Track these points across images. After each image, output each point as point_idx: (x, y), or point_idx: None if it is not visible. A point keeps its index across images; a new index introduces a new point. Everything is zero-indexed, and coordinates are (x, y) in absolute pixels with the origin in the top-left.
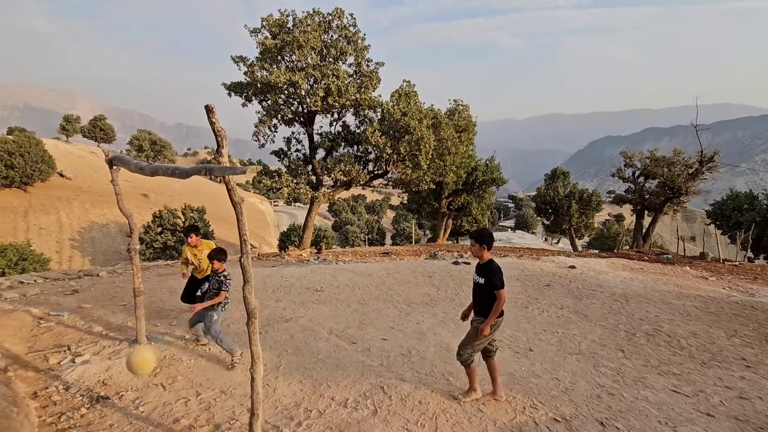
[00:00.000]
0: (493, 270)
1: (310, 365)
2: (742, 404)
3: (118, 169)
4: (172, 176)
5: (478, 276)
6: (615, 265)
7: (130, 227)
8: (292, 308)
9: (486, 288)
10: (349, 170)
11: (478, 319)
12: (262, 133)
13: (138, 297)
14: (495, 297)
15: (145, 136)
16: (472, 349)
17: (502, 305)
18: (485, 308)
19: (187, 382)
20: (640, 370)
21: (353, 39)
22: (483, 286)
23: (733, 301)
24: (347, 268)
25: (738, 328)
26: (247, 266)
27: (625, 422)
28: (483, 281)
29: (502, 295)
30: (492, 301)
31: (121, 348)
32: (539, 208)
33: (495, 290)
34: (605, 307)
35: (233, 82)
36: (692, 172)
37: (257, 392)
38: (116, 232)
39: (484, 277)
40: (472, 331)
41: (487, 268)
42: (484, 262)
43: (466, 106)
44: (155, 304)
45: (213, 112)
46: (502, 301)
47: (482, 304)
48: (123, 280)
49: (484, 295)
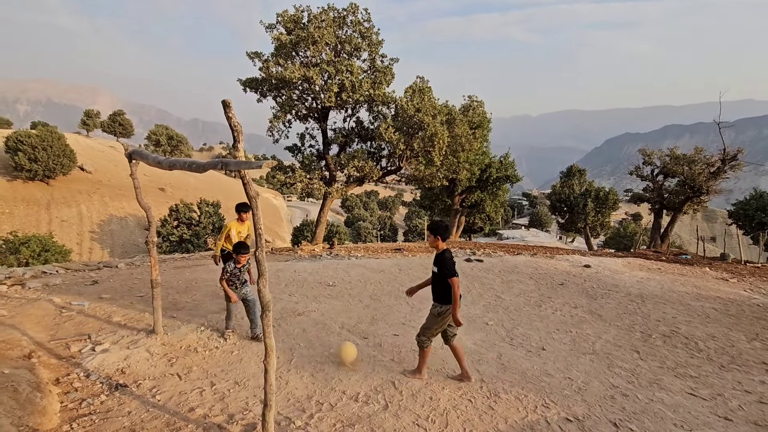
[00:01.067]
0: (445, 260)
1: (322, 359)
2: (762, 409)
3: (137, 163)
4: (189, 170)
5: (434, 265)
6: (631, 264)
7: (149, 220)
8: (305, 302)
9: (439, 276)
10: (362, 166)
11: (435, 305)
12: (276, 128)
13: (155, 288)
14: (449, 285)
15: (162, 131)
16: (430, 334)
17: (458, 291)
18: (440, 295)
19: (202, 373)
20: (656, 371)
21: (367, 34)
22: (437, 274)
23: (754, 304)
24: (359, 263)
25: (759, 331)
26: (262, 260)
27: (639, 424)
28: (437, 270)
29: (455, 282)
30: (446, 288)
31: (139, 338)
32: (554, 206)
33: (447, 278)
34: (620, 307)
35: (248, 78)
36: (714, 171)
37: (270, 384)
38: (134, 225)
39: (437, 266)
40: (431, 317)
41: (440, 258)
42: (438, 252)
43: (481, 102)
44: (171, 296)
45: (230, 107)
46: (455, 288)
47: (438, 291)
48: (140, 272)
49: (438, 283)
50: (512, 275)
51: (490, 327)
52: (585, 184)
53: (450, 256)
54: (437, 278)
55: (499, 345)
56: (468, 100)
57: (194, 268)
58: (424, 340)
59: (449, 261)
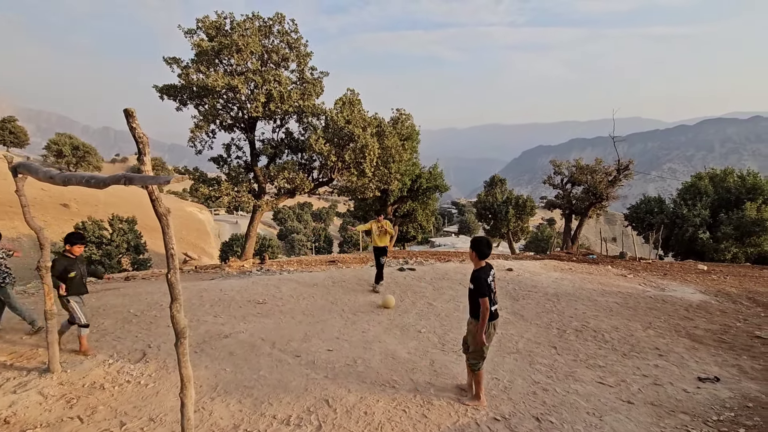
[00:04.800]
0: (479, 279)
1: (250, 383)
2: (657, 390)
3: (25, 178)
4: (88, 186)
5: (470, 282)
6: (547, 266)
7: (40, 242)
8: (232, 323)
9: (473, 294)
10: (293, 178)
11: (473, 322)
12: (198, 138)
13: (50, 320)
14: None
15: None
16: (480, 354)
17: (487, 311)
18: (474, 312)
19: (110, 412)
20: (571, 364)
21: (295, 45)
22: (471, 291)
23: (648, 296)
24: (292, 278)
25: (652, 320)
26: (175, 283)
27: (558, 416)
28: (472, 287)
29: (484, 302)
30: (479, 306)
31: (29, 379)
32: (480, 214)
33: (478, 298)
34: (539, 307)
35: (166, 85)
36: (611, 179)
37: (188, 418)
38: (30, 247)
39: (473, 283)
40: (470, 334)
41: (474, 276)
42: (475, 269)
43: (409, 115)
44: (73, 327)
45: (133, 116)
46: (483, 307)
47: (472, 307)
48: (34, 300)
49: (472, 300)
50: (443, 282)
51: (423, 334)
52: (506, 193)
53: (484, 275)
54: (471, 294)
55: (431, 352)
56: (397, 113)
57: (102, 293)
58: (475, 363)
59: (482, 280)
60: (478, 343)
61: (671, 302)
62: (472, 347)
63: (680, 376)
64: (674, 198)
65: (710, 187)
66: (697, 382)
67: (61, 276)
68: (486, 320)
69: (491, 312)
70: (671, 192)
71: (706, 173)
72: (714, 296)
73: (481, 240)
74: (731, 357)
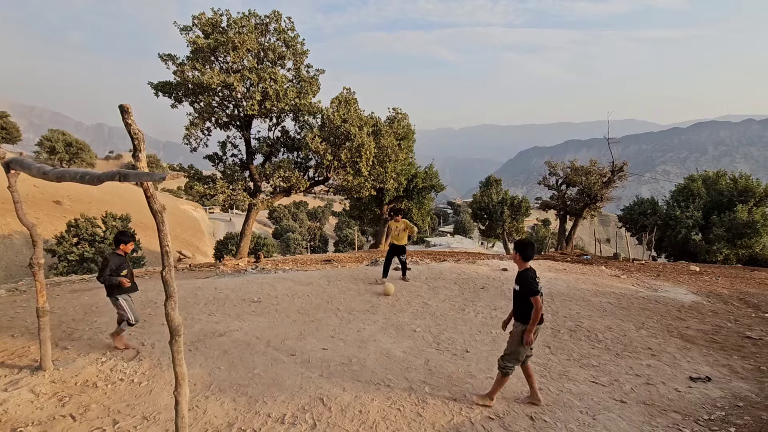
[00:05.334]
0: (527, 278)
1: (245, 381)
2: (649, 390)
3: (17, 174)
4: (82, 182)
5: (516, 283)
6: (542, 266)
7: (33, 239)
8: (227, 321)
9: (521, 294)
10: (289, 176)
11: (518, 325)
12: (194, 136)
13: (42, 318)
14: (530, 303)
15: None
16: (516, 358)
17: (539, 311)
18: (521, 314)
19: (103, 411)
20: (564, 364)
21: (292, 43)
22: (518, 292)
23: (640, 297)
24: (287, 276)
25: (645, 320)
26: (170, 280)
27: (551, 415)
28: (518, 288)
29: (537, 301)
30: (528, 307)
31: (21, 377)
32: (475, 214)
33: (529, 296)
34: None
35: (161, 82)
36: (606, 181)
37: (182, 416)
38: (22, 244)
39: (519, 285)
40: (515, 339)
41: (521, 276)
42: (521, 270)
43: (405, 115)
44: (66, 324)
45: (129, 112)
46: (537, 306)
47: (519, 309)
48: (26, 298)
49: (520, 302)
50: (438, 281)
51: (417, 334)
52: (501, 193)
53: (533, 275)
54: (518, 296)
55: (426, 351)
56: (393, 113)
57: (95, 291)
58: (509, 366)
59: (531, 279)
60: (526, 342)
61: (664, 303)
62: (510, 349)
63: (672, 376)
64: (667, 200)
65: (703, 189)
66: (689, 382)
67: (114, 273)
68: (537, 319)
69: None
70: (665, 194)
71: (699, 175)
72: (706, 297)
73: (525, 242)
74: (722, 357)
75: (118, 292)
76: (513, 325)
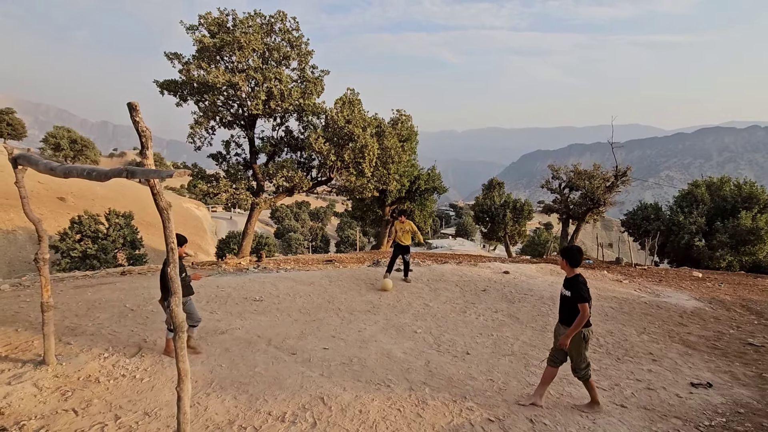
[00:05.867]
0: (579, 284)
1: (246, 379)
2: (650, 395)
3: (25, 170)
4: (89, 178)
5: (565, 289)
6: (544, 270)
7: (39, 234)
8: (228, 320)
9: (571, 300)
10: (292, 176)
11: (561, 327)
12: (198, 134)
13: (46, 312)
14: (578, 309)
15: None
16: (583, 362)
17: (586, 318)
18: (569, 319)
19: (105, 406)
20: (565, 367)
21: (296, 43)
22: (569, 298)
23: (642, 302)
24: (288, 276)
25: (646, 326)
26: (174, 277)
27: (551, 418)
28: (569, 294)
29: (585, 308)
30: (576, 312)
31: (24, 371)
32: (477, 217)
33: (578, 303)
34: (535, 310)
35: (166, 80)
36: (609, 185)
37: (184, 412)
38: (25, 240)
39: (570, 290)
40: (573, 344)
41: (572, 282)
42: (570, 276)
43: (409, 116)
44: (69, 320)
45: (136, 110)
46: (584, 313)
47: (567, 315)
48: (30, 293)
49: (568, 307)
50: (439, 283)
51: (418, 335)
52: (504, 196)
53: (584, 281)
54: (567, 302)
55: (427, 352)
56: (397, 114)
57: (98, 287)
58: (583, 373)
59: (583, 285)
60: (562, 344)
61: (666, 308)
62: (574, 357)
63: (673, 381)
64: (671, 205)
65: (707, 195)
66: (690, 388)
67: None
68: (580, 326)
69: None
70: (668, 199)
71: (703, 181)
72: (708, 303)
73: (572, 249)
74: (724, 363)
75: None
76: (556, 327)
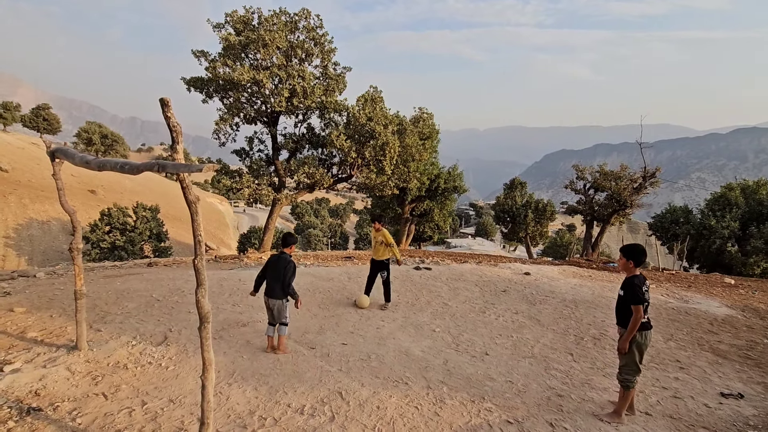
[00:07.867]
0: (633, 285)
1: (266, 371)
2: (676, 403)
3: (61, 162)
4: (121, 172)
5: (621, 289)
6: (566, 272)
7: (73, 225)
8: (250, 312)
9: (624, 300)
10: (313, 173)
11: (622, 330)
12: (222, 131)
13: (79, 300)
14: (632, 311)
15: (95, 128)
16: (633, 369)
17: (638, 320)
18: (623, 320)
19: (132, 391)
20: (587, 372)
21: (320, 41)
22: (622, 298)
23: (670, 307)
24: (308, 271)
25: (674, 332)
26: (201, 268)
27: (572, 423)
28: (623, 293)
29: (638, 310)
30: (630, 313)
31: (58, 355)
32: (498, 216)
33: (631, 304)
34: (556, 312)
35: (193, 77)
36: (636, 187)
37: (208, 400)
38: (58, 230)
39: (624, 290)
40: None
41: (628, 282)
42: (628, 276)
43: (431, 115)
44: (99, 308)
45: (168, 105)
46: (636, 315)
47: (622, 316)
48: (63, 281)
49: (622, 308)
50: (459, 283)
51: (437, 334)
52: (526, 196)
53: (639, 283)
54: (622, 302)
55: (445, 351)
56: (418, 112)
57: (126, 278)
58: (628, 378)
59: (638, 287)
60: (620, 348)
61: (695, 315)
62: (623, 361)
63: (702, 391)
64: (702, 208)
65: (741, 198)
66: (720, 398)
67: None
68: (635, 329)
69: (643, 322)
70: (699, 202)
71: (737, 184)
72: (741, 311)
73: (635, 247)
74: (757, 374)
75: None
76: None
